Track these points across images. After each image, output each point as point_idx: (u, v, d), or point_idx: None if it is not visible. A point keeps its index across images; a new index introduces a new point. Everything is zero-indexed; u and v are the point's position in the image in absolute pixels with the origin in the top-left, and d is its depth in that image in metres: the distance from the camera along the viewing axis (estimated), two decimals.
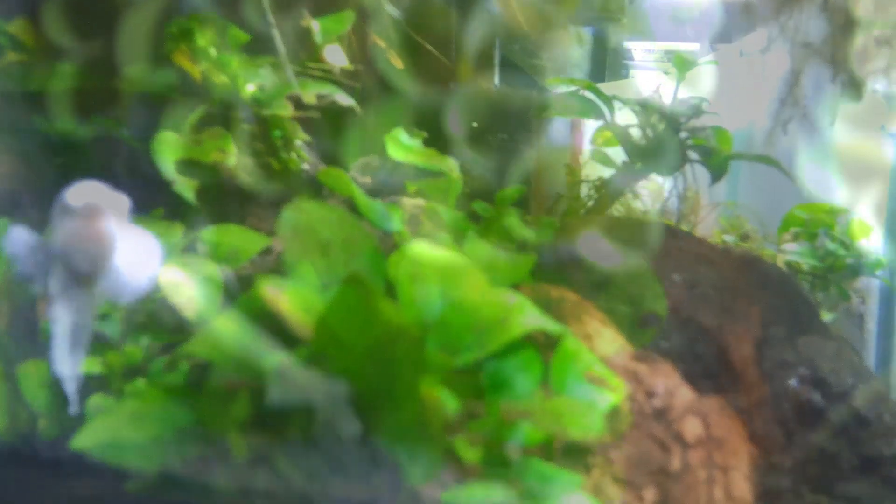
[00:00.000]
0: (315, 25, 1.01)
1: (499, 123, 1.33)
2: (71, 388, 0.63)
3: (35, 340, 0.83)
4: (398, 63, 1.29)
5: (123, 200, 0.60)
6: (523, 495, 0.62)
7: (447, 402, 0.62)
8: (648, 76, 1.90)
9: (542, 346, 0.77)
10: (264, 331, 0.70)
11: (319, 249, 0.72)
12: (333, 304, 0.57)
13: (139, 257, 0.60)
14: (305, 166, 1.09)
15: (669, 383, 0.83)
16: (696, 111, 1.17)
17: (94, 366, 0.84)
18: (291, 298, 0.60)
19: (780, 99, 1.07)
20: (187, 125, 0.95)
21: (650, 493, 0.79)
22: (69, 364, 0.62)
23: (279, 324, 0.73)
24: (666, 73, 1.22)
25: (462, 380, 0.67)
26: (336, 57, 1.05)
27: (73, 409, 0.64)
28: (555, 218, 1.05)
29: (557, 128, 1.69)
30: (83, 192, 0.57)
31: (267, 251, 1.08)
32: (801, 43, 1.00)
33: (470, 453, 0.61)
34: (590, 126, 1.64)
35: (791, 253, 1.21)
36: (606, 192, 1.25)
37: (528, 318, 0.70)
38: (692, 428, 0.81)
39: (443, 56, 1.29)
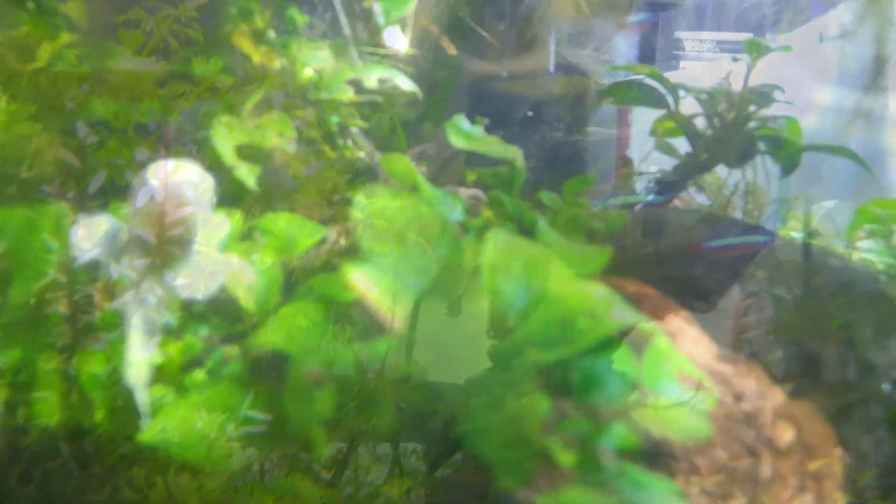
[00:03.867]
0: (377, 7, 0.97)
1: (553, 112, 1.29)
2: (143, 397, 0.60)
3: (93, 329, 0.81)
4: (451, 49, 1.25)
5: (209, 181, 0.56)
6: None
7: (539, 401, 0.58)
8: (700, 67, 1.83)
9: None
10: (336, 320, 0.67)
11: (395, 237, 0.68)
12: (425, 294, 0.53)
13: (219, 244, 0.56)
14: (361, 154, 1.05)
15: (758, 386, 0.78)
16: (768, 100, 1.12)
17: (154, 356, 0.81)
18: (378, 286, 0.57)
19: (865, 87, 1.01)
20: (245, 109, 0.92)
21: (738, 502, 0.74)
22: (143, 371, 0.58)
23: (346, 313, 0.69)
24: (735, 59, 1.16)
25: (550, 377, 0.63)
26: (396, 40, 1.02)
27: (144, 421, 0.60)
28: (624, 210, 1.00)
29: (603, 117, 1.64)
30: (166, 171, 0.54)
31: (321, 241, 1.04)
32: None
33: (565, 456, 0.57)
34: (639, 115, 1.58)
35: (864, 251, 1.15)
36: (667, 184, 1.20)
37: (619, 313, 0.66)
38: (784, 433, 0.76)
39: (497, 42, 1.25)
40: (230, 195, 0.98)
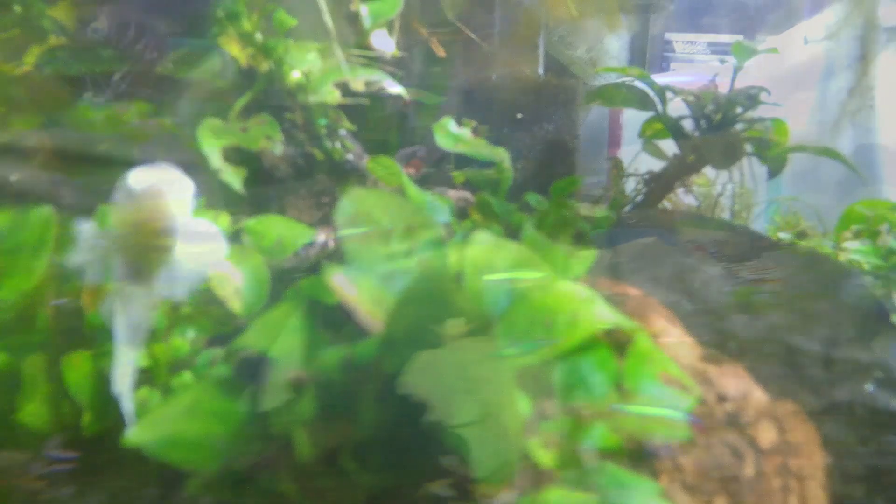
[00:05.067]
0: (363, 10, 0.97)
1: (544, 114, 1.29)
2: (129, 406, 0.60)
3: (80, 331, 0.81)
4: (440, 51, 1.25)
5: (188, 185, 0.56)
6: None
7: (520, 402, 0.59)
8: (689, 69, 1.84)
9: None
10: (322, 322, 0.67)
11: (379, 238, 0.68)
12: (407, 295, 0.53)
13: (202, 249, 0.57)
14: (349, 156, 1.06)
15: (741, 386, 0.79)
16: (754, 101, 1.12)
17: (139, 359, 0.81)
18: (360, 289, 0.57)
19: (849, 89, 1.02)
20: (233, 112, 0.92)
21: (721, 502, 0.74)
22: (129, 380, 0.59)
23: (332, 315, 0.69)
24: (722, 62, 1.16)
25: (532, 378, 0.63)
26: (384, 43, 1.02)
27: (131, 429, 0.60)
28: (611, 211, 1.01)
29: (594, 119, 1.65)
30: (146, 176, 0.54)
31: (309, 243, 1.05)
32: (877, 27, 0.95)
33: (545, 457, 0.57)
34: (630, 117, 1.59)
35: (852, 251, 1.16)
36: (656, 186, 1.21)
37: (601, 313, 0.67)
38: (766, 433, 0.77)
39: (487, 45, 1.25)
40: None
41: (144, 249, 0.55)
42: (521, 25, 1.30)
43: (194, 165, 0.97)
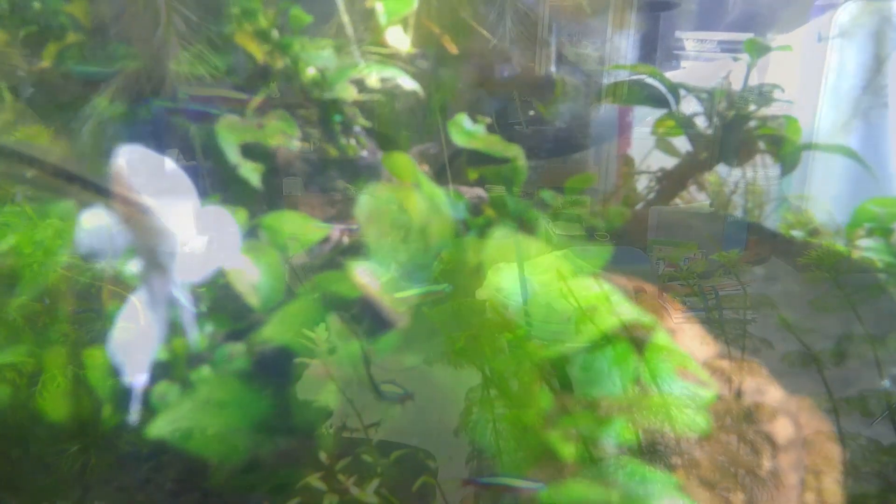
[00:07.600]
0: (379, 6, 0.98)
1: (555, 111, 1.29)
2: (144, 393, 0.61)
3: (100, 324, 0.82)
4: (452, 48, 1.26)
5: (158, 160, 0.56)
6: (622, 498, 0.58)
7: (541, 396, 0.59)
8: (700, 67, 1.84)
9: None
10: (341, 316, 0.67)
11: (398, 234, 0.69)
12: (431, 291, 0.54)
13: (192, 224, 0.57)
14: (364, 153, 1.06)
15: (758, 381, 0.79)
16: (767, 99, 1.12)
17: (158, 353, 0.82)
18: (382, 283, 0.57)
19: (862, 86, 1.02)
20: (250, 108, 0.92)
21: (738, 497, 0.75)
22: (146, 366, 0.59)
23: (350, 308, 0.70)
24: (735, 59, 1.17)
25: (552, 372, 0.63)
26: (398, 39, 1.02)
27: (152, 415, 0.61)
28: (624, 208, 1.01)
29: (604, 117, 1.65)
30: (119, 157, 0.55)
31: (324, 240, 1.05)
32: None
33: (566, 450, 0.58)
34: (639, 114, 1.59)
35: (864, 249, 1.16)
36: (668, 183, 1.21)
37: (618, 308, 0.67)
38: (783, 429, 0.77)
39: (499, 42, 1.25)
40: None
41: (135, 232, 0.55)
42: (533, 23, 1.30)
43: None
